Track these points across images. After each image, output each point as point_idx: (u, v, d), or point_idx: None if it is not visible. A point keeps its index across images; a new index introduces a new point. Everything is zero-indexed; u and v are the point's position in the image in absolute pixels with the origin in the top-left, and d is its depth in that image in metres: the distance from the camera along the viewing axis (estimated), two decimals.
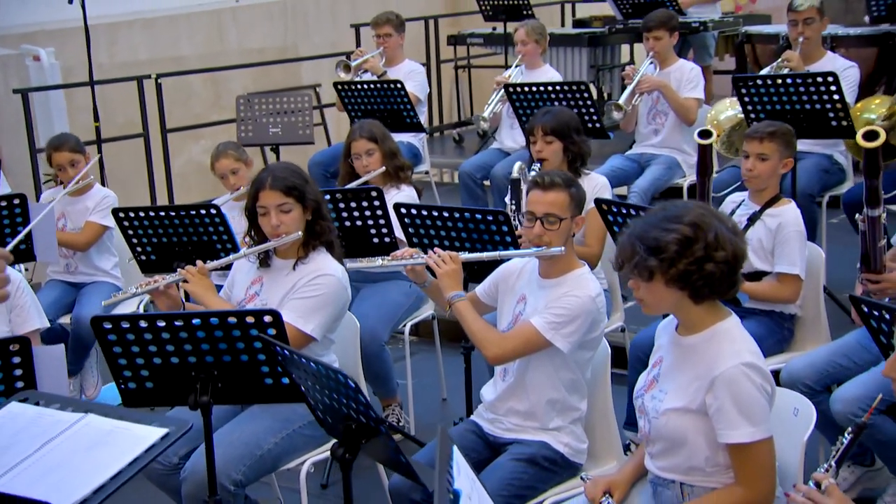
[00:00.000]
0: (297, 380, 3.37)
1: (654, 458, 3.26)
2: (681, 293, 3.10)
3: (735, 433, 3.03)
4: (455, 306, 3.88)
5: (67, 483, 2.64)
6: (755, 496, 3.09)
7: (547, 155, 5.18)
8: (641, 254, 3.06)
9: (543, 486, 3.72)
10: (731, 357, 3.07)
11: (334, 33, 11.71)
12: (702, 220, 3.08)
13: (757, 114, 5.89)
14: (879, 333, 3.29)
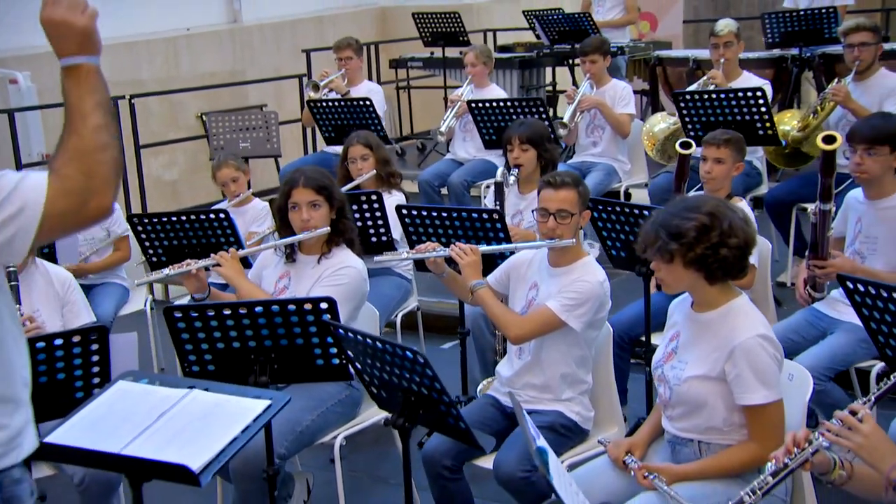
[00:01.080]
0: (353, 358, 3.33)
1: (674, 421, 3.29)
2: (697, 274, 3.15)
3: (752, 396, 3.08)
4: (478, 293, 3.89)
5: (191, 448, 2.60)
6: (767, 451, 3.13)
7: (523, 161, 5.19)
8: (664, 238, 3.11)
9: (560, 449, 3.72)
10: (747, 329, 3.13)
11: (277, 58, 11.61)
12: (717, 211, 3.14)
13: (693, 125, 6.00)
14: (862, 307, 3.35)
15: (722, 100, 5.87)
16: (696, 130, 5.99)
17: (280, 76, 10.49)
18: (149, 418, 2.72)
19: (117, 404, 2.81)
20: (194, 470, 2.50)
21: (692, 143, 4.79)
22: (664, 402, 3.33)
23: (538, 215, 3.88)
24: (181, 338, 3.48)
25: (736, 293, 3.22)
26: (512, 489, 3.63)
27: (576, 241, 3.81)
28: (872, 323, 3.33)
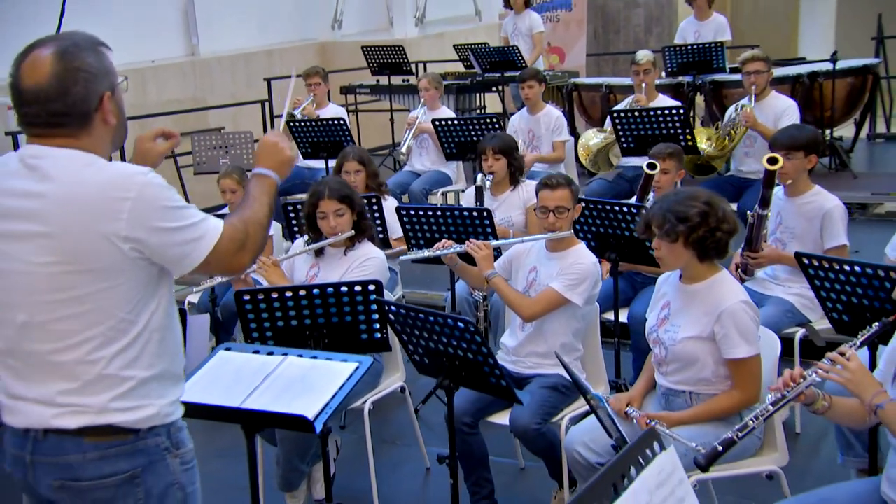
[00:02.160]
0: (400, 331, 3.40)
1: (668, 375, 3.40)
2: (692, 253, 3.29)
3: (737, 351, 3.23)
4: (493, 281, 3.98)
5: (300, 401, 2.67)
6: (748, 397, 3.29)
7: (496, 169, 5.26)
8: (672, 221, 3.24)
9: (562, 405, 3.84)
10: (732, 297, 3.27)
11: (233, 86, 11.53)
12: (712, 200, 3.30)
13: (626, 138, 6.20)
14: (814, 279, 3.54)
15: (650, 116, 6.09)
16: (628, 142, 6.19)
17: (239, 102, 10.44)
18: (256, 380, 2.77)
19: (223, 370, 2.85)
20: (310, 418, 2.57)
21: (657, 163, 4.86)
22: (659, 360, 3.45)
23: (539, 212, 3.97)
24: (248, 317, 3.51)
25: (718, 268, 3.37)
26: (526, 439, 3.75)
27: (571, 231, 3.95)
28: (822, 291, 3.50)
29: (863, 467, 3.75)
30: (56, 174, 2.18)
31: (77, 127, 2.21)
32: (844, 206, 4.56)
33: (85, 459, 2.20)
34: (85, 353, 2.20)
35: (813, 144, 4.60)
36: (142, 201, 2.15)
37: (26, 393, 2.24)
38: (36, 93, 2.18)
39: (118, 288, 2.19)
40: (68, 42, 2.22)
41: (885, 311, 3.25)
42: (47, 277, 2.18)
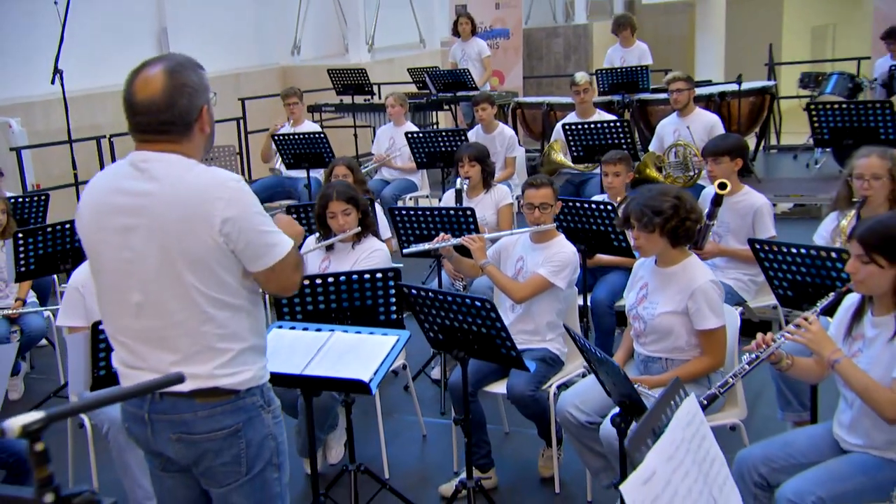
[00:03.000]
0: (418, 311, 3.46)
1: (647, 345, 3.55)
2: (666, 240, 3.46)
3: (707, 322, 3.39)
4: (487, 269, 4.09)
5: (353, 368, 2.76)
6: (716, 361, 3.45)
7: (472, 174, 5.34)
8: (649, 214, 3.40)
9: (550, 375, 3.96)
10: (702, 277, 3.44)
11: None
12: (681, 195, 3.48)
13: (577, 146, 6.38)
14: (765, 261, 3.72)
15: (597, 128, 6.29)
16: (578, 151, 6.39)
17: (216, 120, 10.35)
18: (310, 351, 2.86)
19: (278, 343, 2.93)
20: (366, 381, 2.67)
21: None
22: (638, 332, 3.59)
23: (525, 209, 4.09)
24: (282, 301, 3.57)
25: (689, 253, 3.54)
26: (521, 404, 3.85)
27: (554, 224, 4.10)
28: (770, 272, 3.70)
29: (798, 420, 3.98)
30: (162, 175, 2.26)
31: (180, 134, 2.30)
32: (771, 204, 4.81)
33: (196, 417, 2.30)
34: (190, 328, 2.29)
35: (738, 150, 4.82)
36: (234, 203, 2.25)
37: (142, 364, 2.34)
38: (148, 104, 2.26)
39: (213, 274, 2.28)
40: (174, 62, 2.30)
41: (825, 285, 3.47)
42: (156, 263, 2.26)
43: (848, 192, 4.10)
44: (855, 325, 2.94)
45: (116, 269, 2.33)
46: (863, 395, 2.76)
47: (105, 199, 2.33)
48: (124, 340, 2.37)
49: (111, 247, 2.32)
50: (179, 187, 2.25)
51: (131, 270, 2.29)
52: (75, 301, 3.89)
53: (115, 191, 2.31)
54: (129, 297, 2.30)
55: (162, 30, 11.62)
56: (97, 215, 2.34)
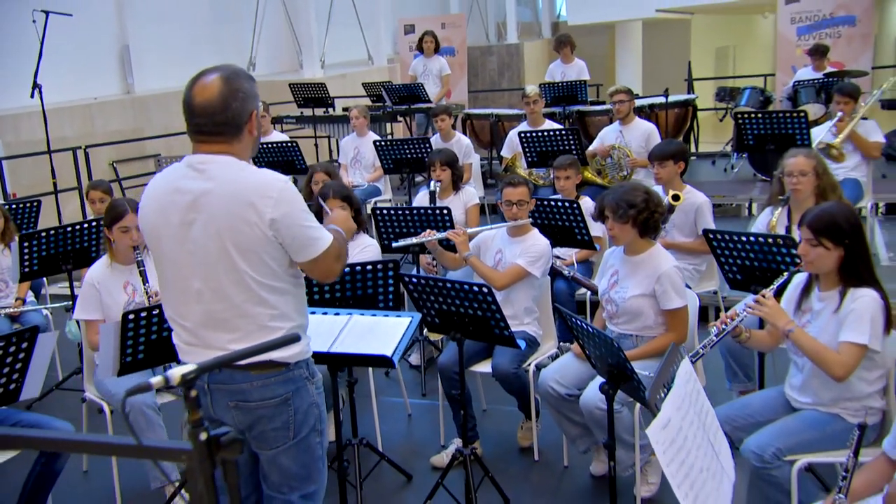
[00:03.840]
0: (417, 297, 3.57)
1: (619, 325, 3.73)
2: (635, 231, 3.68)
3: (672, 302, 3.59)
4: (470, 260, 4.23)
5: (375, 345, 2.88)
6: (680, 337, 3.64)
7: (443, 178, 5.46)
8: (624, 207, 3.60)
9: (529, 354, 4.11)
10: (666, 263, 3.64)
11: (167, 119, 11.29)
12: (649, 191, 3.69)
13: (531, 153, 6.58)
14: (717, 248, 3.94)
15: (549, 136, 6.50)
16: (532, 157, 6.59)
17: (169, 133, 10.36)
18: (333, 332, 2.98)
19: None
20: (389, 355, 2.80)
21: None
22: (611, 314, 3.77)
23: (504, 205, 4.24)
24: None
25: (653, 243, 3.75)
26: (505, 381, 4.00)
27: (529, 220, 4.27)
28: (722, 258, 3.93)
29: (744, 390, 4.21)
30: (218, 175, 2.36)
31: (232, 135, 2.40)
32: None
33: (252, 386, 2.41)
34: (245, 311, 2.39)
35: (681, 154, 5.08)
36: (281, 201, 2.36)
37: (201, 343, 2.43)
38: (205, 107, 2.36)
39: (264, 262, 2.39)
40: (229, 71, 2.41)
41: (771, 269, 3.72)
42: (214, 254, 2.36)
43: (780, 188, 4.38)
44: (804, 300, 3.19)
45: (179, 259, 2.41)
46: (814, 358, 3.00)
47: (167, 197, 2.42)
48: (185, 324, 2.45)
49: (174, 240, 2.41)
50: (234, 186, 2.35)
51: (192, 261, 2.39)
52: (91, 296, 3.91)
53: (175, 190, 2.40)
54: (191, 285, 2.39)
55: (124, 47, 11.49)
56: (160, 212, 2.43)
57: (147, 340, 3.36)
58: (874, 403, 3.08)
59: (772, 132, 6.10)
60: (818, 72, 9.02)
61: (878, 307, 2.97)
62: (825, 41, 9.79)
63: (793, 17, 10.66)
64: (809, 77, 8.98)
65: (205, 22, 12.45)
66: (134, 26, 11.42)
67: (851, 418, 3.07)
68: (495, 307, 3.39)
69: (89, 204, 5.48)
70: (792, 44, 10.65)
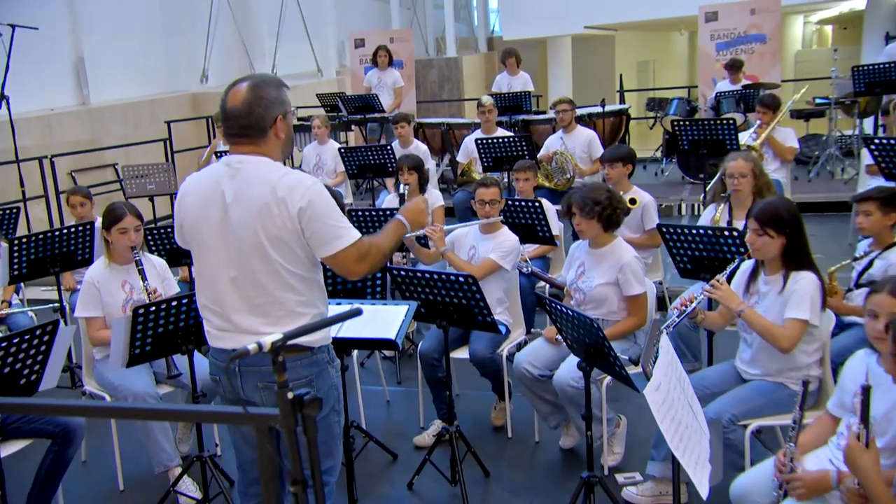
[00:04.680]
0: (404, 288, 3.71)
1: (586, 311, 3.81)
2: (600, 226, 3.90)
3: (634, 290, 3.82)
4: (447, 254, 4.39)
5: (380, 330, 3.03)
6: (640, 321, 3.87)
7: (410, 181, 5.53)
8: (590, 204, 3.82)
9: (502, 340, 4.28)
10: (627, 254, 3.87)
11: (124, 129, 11.16)
12: (612, 190, 3.91)
13: (487, 158, 6.78)
14: (669, 241, 4.18)
15: (504, 142, 6.72)
16: (488, 162, 6.79)
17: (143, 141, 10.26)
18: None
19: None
20: (393, 338, 2.95)
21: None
22: (578, 302, 3.97)
23: (477, 205, 4.42)
24: None
25: (615, 237, 3.98)
26: (482, 366, 4.18)
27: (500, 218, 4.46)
28: (674, 249, 4.17)
29: (691, 369, 4.47)
30: (252, 174, 2.49)
31: (257, 137, 2.52)
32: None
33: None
34: (276, 297, 2.51)
35: (629, 157, 5.36)
36: (308, 198, 2.46)
37: (233, 328, 2.54)
38: (233, 111, 2.48)
39: (293, 253, 2.51)
40: (258, 79, 2.53)
41: (718, 258, 3.99)
42: (248, 245, 2.48)
43: (722, 187, 4.69)
44: (752, 284, 3.46)
45: (215, 250, 2.53)
46: (764, 334, 3.27)
47: (208, 193, 2.53)
48: (219, 310, 2.55)
49: (213, 232, 2.52)
50: (266, 184, 2.47)
51: (229, 251, 2.50)
52: (92, 295, 3.95)
53: (215, 187, 2.52)
54: (227, 273, 2.51)
55: (79, 59, 11.28)
56: (202, 207, 2.54)
57: (154, 334, 3.43)
58: (813, 372, 3.37)
59: (704, 138, 6.45)
60: (735, 84, 9.49)
61: (816, 288, 3.25)
62: (740, 56, 10.30)
63: (712, 35, 11.16)
64: (728, 88, 9.46)
65: (158, 36, 12.32)
66: (89, 40, 11.22)
67: (794, 386, 3.34)
68: (479, 296, 3.56)
69: (70, 209, 5.46)
70: (712, 58, 11.15)
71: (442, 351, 4.17)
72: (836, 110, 9.35)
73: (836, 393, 2.92)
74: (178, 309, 3.42)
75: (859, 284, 3.95)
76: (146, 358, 3.48)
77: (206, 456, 3.62)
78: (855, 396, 2.74)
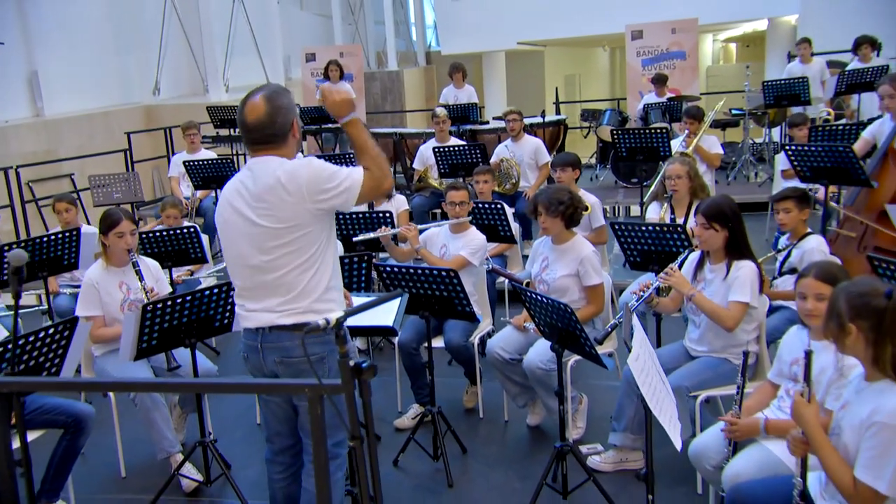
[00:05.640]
0: (389, 283, 3.90)
1: None
2: (562, 223, 4.16)
3: (592, 280, 4.09)
4: (421, 251, 4.60)
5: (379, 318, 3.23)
6: (598, 308, 4.14)
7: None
8: (555, 204, 4.08)
9: (474, 329, 4.51)
10: (586, 249, 4.13)
11: (79, 140, 10.99)
12: (572, 191, 4.19)
13: (443, 165, 6.97)
14: (620, 237, 4.47)
15: (460, 150, 6.96)
16: (445, 168, 7.02)
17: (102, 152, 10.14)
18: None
19: None
20: (391, 325, 3.15)
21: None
22: (543, 292, 4.27)
23: (448, 206, 4.65)
24: None
25: (575, 234, 4.25)
26: (456, 352, 4.41)
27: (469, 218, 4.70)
28: (624, 244, 4.49)
29: None
30: (266, 172, 2.66)
31: (280, 142, 2.71)
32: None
33: (294, 345, 2.71)
34: (293, 278, 2.70)
35: (577, 163, 5.66)
36: (310, 177, 2.63)
37: (257, 307, 2.72)
38: (256, 124, 2.66)
39: (308, 235, 2.69)
40: (270, 91, 2.71)
41: (665, 251, 4.28)
42: (271, 233, 2.67)
43: (663, 189, 5.03)
44: (699, 272, 3.79)
45: (241, 241, 2.71)
46: (711, 315, 3.59)
47: (233, 194, 2.72)
48: (246, 293, 2.74)
49: (238, 226, 2.70)
50: (277, 180, 2.64)
51: (252, 241, 2.69)
52: (92, 295, 4.02)
53: (238, 188, 2.70)
54: (251, 261, 2.69)
55: (32, 73, 11.06)
56: (230, 206, 2.73)
57: (160, 329, 3.54)
58: (751, 348, 3.70)
59: (640, 145, 6.82)
60: (661, 96, 9.98)
61: (754, 274, 3.60)
62: (664, 71, 10.80)
63: (638, 52, 11.68)
64: (655, 100, 9.93)
65: (111, 50, 12.17)
66: (41, 52, 11.02)
67: (736, 360, 3.67)
68: (460, 287, 3.79)
69: (56, 215, 5.47)
70: (638, 73, 11.66)
71: (420, 340, 4.41)
72: (749, 120, 9.93)
73: (775, 363, 3.25)
74: (183, 305, 3.54)
75: (782, 272, 4.33)
76: (152, 352, 3.59)
77: (207, 441, 3.74)
78: (792, 365, 3.08)
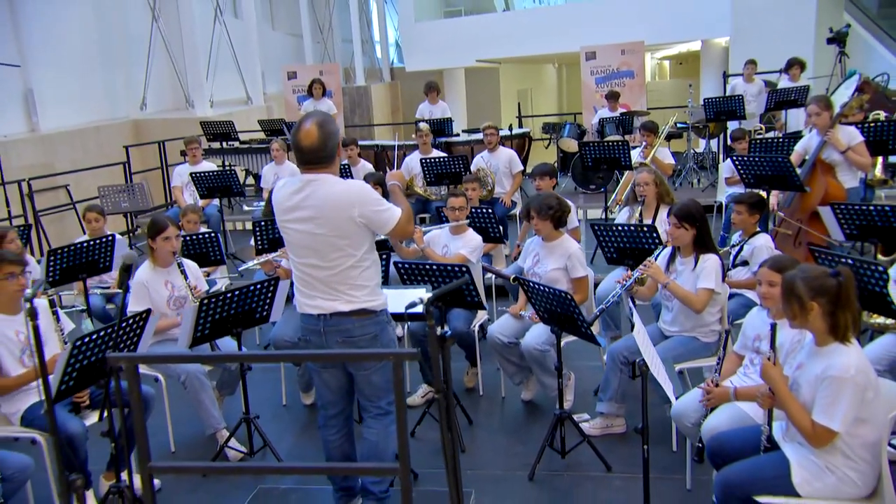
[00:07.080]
0: (406, 278, 4.24)
1: None
2: (552, 225, 4.57)
3: (578, 273, 4.46)
4: (426, 251, 4.93)
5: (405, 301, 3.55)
6: (583, 298, 4.53)
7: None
8: (546, 208, 4.48)
9: (473, 317, 4.82)
10: (573, 246, 4.52)
11: (72, 153, 11.05)
12: (559, 196, 4.60)
13: (430, 175, 7.32)
14: (598, 235, 4.93)
15: (444, 161, 7.33)
16: (431, 178, 7.38)
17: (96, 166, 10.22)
18: None
19: None
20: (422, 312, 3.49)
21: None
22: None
23: (448, 210, 5.02)
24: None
25: (562, 233, 4.65)
26: (461, 339, 4.73)
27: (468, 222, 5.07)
28: (602, 242, 4.91)
29: (614, 335, 5.25)
30: (322, 188, 3.02)
31: (330, 162, 3.07)
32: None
33: (354, 326, 3.07)
34: (345, 275, 3.06)
35: (553, 172, 6.08)
36: (361, 200, 3.01)
37: (317, 296, 3.06)
38: (311, 148, 3.02)
39: (356, 241, 3.05)
40: (321, 118, 3.07)
41: (639, 248, 4.72)
42: (325, 239, 3.02)
43: (634, 195, 5.49)
44: (671, 265, 4.24)
45: (300, 245, 3.05)
46: (683, 300, 4.04)
47: (286, 204, 3.06)
48: (303, 288, 3.09)
49: (296, 232, 3.05)
50: (334, 195, 3.01)
51: (309, 244, 3.04)
52: (142, 293, 4.29)
53: (294, 197, 3.04)
54: (309, 261, 3.04)
55: (28, 90, 11.09)
56: (284, 214, 3.06)
57: (213, 320, 3.84)
58: (715, 327, 4.17)
59: (605, 155, 7.30)
60: (613, 111, 10.52)
61: (718, 265, 4.06)
62: (616, 89, 11.36)
63: (592, 70, 12.23)
64: (608, 115, 10.46)
65: (100, 68, 12.24)
66: (35, 71, 11.07)
67: (703, 338, 4.13)
68: (470, 278, 4.16)
69: (86, 223, 5.68)
70: (592, 90, 12.21)
71: (425, 331, 4.75)
72: (692, 132, 10.54)
73: (739, 338, 3.70)
74: (232, 299, 3.85)
75: (735, 265, 4.82)
76: (204, 340, 3.89)
77: (252, 417, 4.05)
78: (755, 340, 3.54)
